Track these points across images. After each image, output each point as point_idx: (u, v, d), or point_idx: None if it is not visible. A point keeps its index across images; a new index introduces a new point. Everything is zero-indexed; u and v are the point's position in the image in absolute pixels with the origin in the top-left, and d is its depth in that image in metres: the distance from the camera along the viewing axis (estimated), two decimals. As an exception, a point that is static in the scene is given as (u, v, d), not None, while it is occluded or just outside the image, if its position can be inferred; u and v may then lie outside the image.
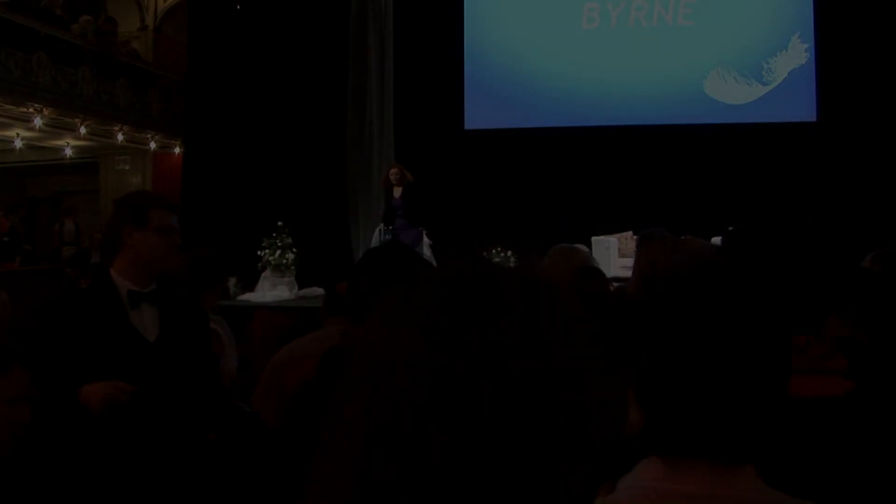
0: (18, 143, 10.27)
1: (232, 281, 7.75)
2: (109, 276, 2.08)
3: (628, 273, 6.54)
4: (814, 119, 9.48)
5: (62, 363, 1.90)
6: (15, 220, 10.76)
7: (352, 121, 9.89)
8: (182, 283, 2.66)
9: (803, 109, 9.55)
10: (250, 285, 8.39)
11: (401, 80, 10.14)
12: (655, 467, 0.81)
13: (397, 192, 8.29)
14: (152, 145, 10.99)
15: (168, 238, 2.13)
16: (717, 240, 4.60)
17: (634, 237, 7.64)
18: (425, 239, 8.36)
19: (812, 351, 1.13)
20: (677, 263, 0.88)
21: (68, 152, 11.24)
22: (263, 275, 8.37)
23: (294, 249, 8.41)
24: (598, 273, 2.69)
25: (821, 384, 1.11)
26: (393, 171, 8.41)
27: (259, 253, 8.49)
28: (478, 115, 10.20)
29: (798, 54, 9.62)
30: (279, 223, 8.55)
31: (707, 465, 0.79)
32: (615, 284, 3.22)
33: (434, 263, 5.02)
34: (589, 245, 6.99)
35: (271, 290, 8.11)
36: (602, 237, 8.46)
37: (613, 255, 8.33)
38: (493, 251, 8.79)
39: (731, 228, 1.33)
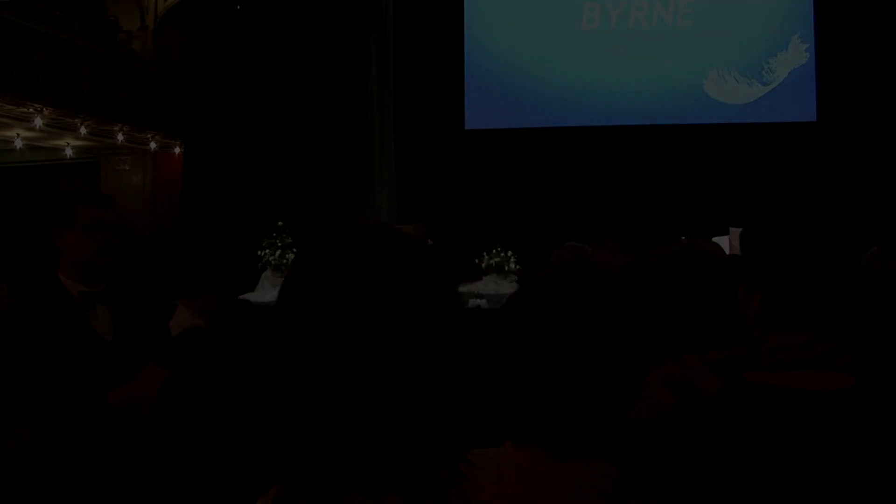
0: (19, 143, 10.26)
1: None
2: (59, 280, 2.05)
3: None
4: (814, 119, 9.49)
5: (25, 372, 1.88)
6: None
7: (352, 120, 9.89)
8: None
9: (803, 109, 9.56)
10: (250, 285, 8.39)
11: (401, 80, 10.14)
12: (508, 444, 0.92)
13: None
14: (152, 145, 10.97)
15: (100, 234, 2.06)
16: (719, 239, 4.59)
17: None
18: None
19: (816, 348, 1.13)
20: (551, 278, 0.96)
21: (68, 152, 11.23)
22: (263, 275, 8.37)
23: (294, 249, 8.41)
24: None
25: (824, 380, 1.12)
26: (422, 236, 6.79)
27: (259, 253, 8.49)
28: (478, 115, 10.21)
29: (798, 54, 9.62)
30: (279, 223, 8.55)
31: (542, 452, 0.87)
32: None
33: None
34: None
35: (271, 290, 8.11)
36: (602, 237, 8.44)
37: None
38: (494, 251, 8.78)
39: (742, 229, 1.33)
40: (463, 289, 7.96)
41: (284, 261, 8.34)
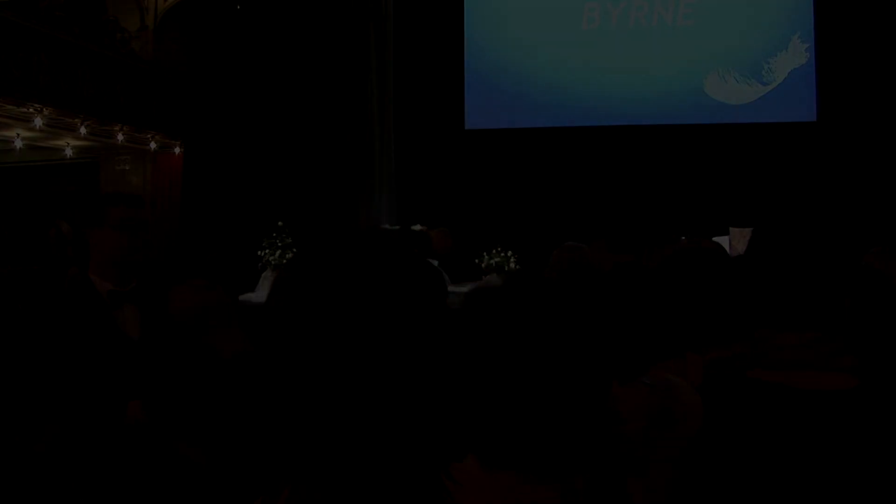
0: (19, 144, 10.25)
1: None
2: (89, 278, 2.07)
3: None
4: (814, 119, 9.49)
5: (53, 369, 1.90)
6: None
7: (352, 120, 9.89)
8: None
9: (803, 109, 9.55)
10: (250, 285, 8.39)
11: (401, 80, 10.14)
12: (471, 459, 0.87)
13: None
14: (152, 145, 10.96)
15: (129, 232, 2.11)
16: (719, 239, 4.59)
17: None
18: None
19: (819, 348, 1.13)
20: (501, 290, 0.93)
21: (68, 152, 11.23)
22: (263, 275, 8.36)
23: (294, 249, 8.41)
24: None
25: (826, 380, 1.11)
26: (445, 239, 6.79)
27: (259, 253, 8.48)
28: (478, 114, 10.20)
29: (798, 54, 9.62)
30: (279, 223, 8.54)
31: (513, 475, 0.83)
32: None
33: (434, 263, 5.02)
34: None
35: (271, 291, 8.09)
36: (602, 237, 8.44)
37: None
38: (494, 251, 8.78)
39: (754, 228, 1.32)
40: (463, 289, 7.95)
41: (284, 261, 8.34)
